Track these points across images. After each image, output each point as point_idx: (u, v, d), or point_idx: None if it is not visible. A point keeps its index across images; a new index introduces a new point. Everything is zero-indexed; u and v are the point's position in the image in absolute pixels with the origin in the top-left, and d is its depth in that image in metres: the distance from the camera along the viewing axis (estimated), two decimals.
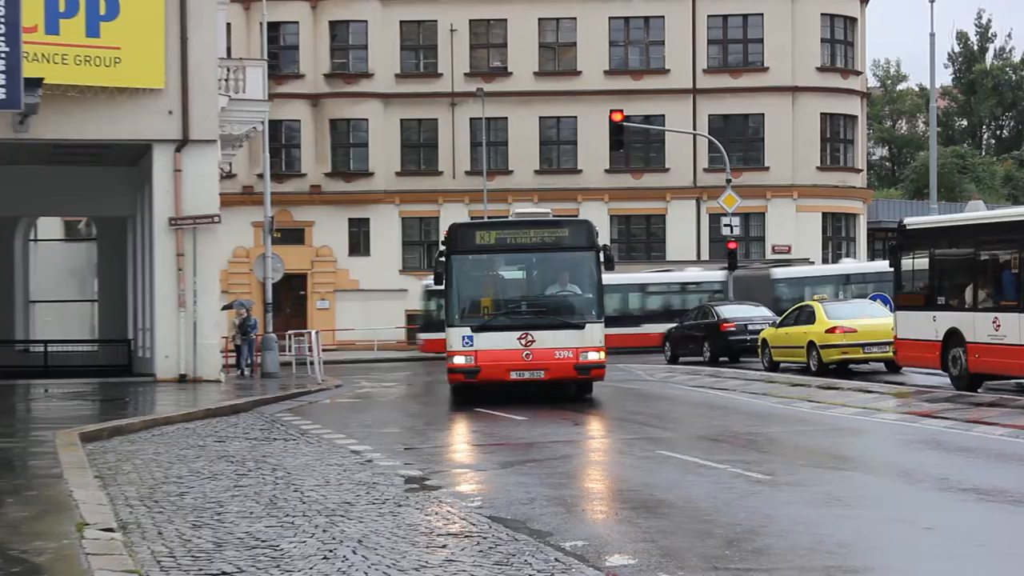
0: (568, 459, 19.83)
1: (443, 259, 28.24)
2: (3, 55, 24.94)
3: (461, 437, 23.19)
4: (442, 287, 28.71)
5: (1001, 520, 14.72)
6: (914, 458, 20.34)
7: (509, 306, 29.31)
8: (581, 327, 27.69)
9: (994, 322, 29.54)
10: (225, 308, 44.87)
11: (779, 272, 56.30)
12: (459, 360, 27.82)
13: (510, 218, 33.48)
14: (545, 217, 31.53)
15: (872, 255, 68.77)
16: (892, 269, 34.64)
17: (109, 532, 12.89)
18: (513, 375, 27.68)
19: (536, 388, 28.96)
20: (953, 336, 30.82)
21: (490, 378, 27.79)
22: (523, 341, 27.42)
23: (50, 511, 14.07)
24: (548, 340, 27.48)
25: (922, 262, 33.28)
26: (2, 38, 24.62)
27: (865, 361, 37.08)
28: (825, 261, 64.74)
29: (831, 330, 37.10)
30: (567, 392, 29.44)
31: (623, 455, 20.87)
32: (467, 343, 27.52)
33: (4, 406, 27.22)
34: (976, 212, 35.65)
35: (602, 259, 28.47)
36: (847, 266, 57.80)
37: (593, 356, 27.72)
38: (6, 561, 11.41)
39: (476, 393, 28.97)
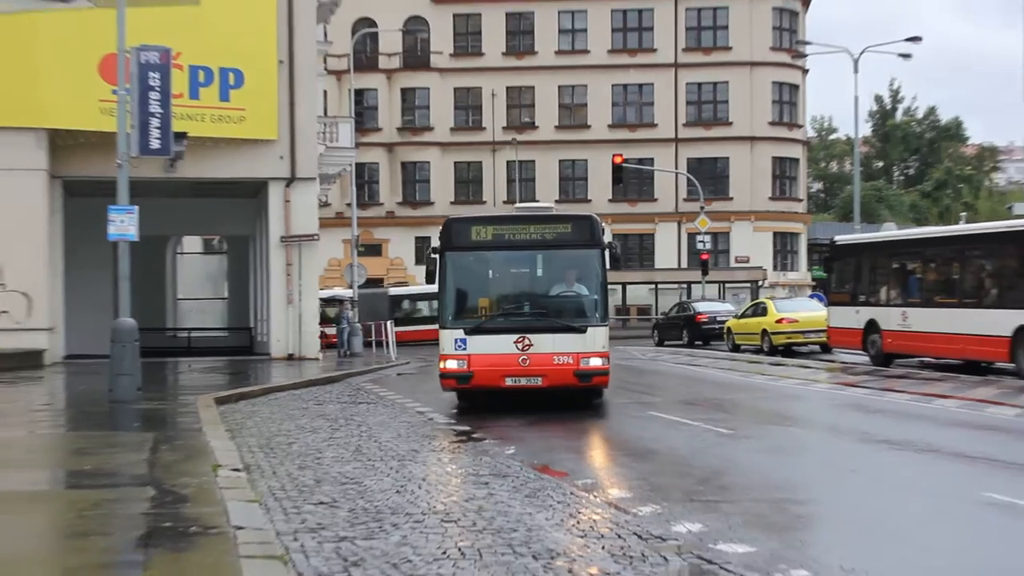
0: (579, 419, 19.78)
1: (435, 255, 20.83)
2: (158, 115, 25.01)
3: (498, 401, 22.86)
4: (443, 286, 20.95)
5: (907, 464, 14.70)
6: (842, 417, 20.29)
7: (505, 307, 21.01)
8: (583, 331, 19.92)
9: (903, 314, 29.66)
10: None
11: (393, 290, 55.33)
12: (451, 364, 20.07)
13: (510, 213, 24.93)
14: (547, 212, 23.05)
15: (809, 265, 68.59)
16: (826, 274, 34.73)
17: (236, 471, 12.96)
18: (508, 381, 19.99)
19: (535, 396, 20.88)
20: (871, 325, 30.91)
21: (484, 384, 20.27)
22: (520, 345, 19.76)
23: (193, 456, 14.16)
24: (547, 344, 19.81)
25: (849, 269, 33.31)
26: (158, 103, 24.69)
27: (805, 344, 37.05)
28: (775, 269, 64.70)
29: (780, 320, 37.20)
30: (573, 400, 21.36)
31: (621, 415, 20.82)
32: (460, 347, 19.95)
33: (158, 378, 27.34)
34: (889, 232, 35.76)
35: (608, 257, 20.66)
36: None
37: (595, 362, 19.99)
38: (161, 492, 11.49)
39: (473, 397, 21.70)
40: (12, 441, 16.29)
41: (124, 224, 21.94)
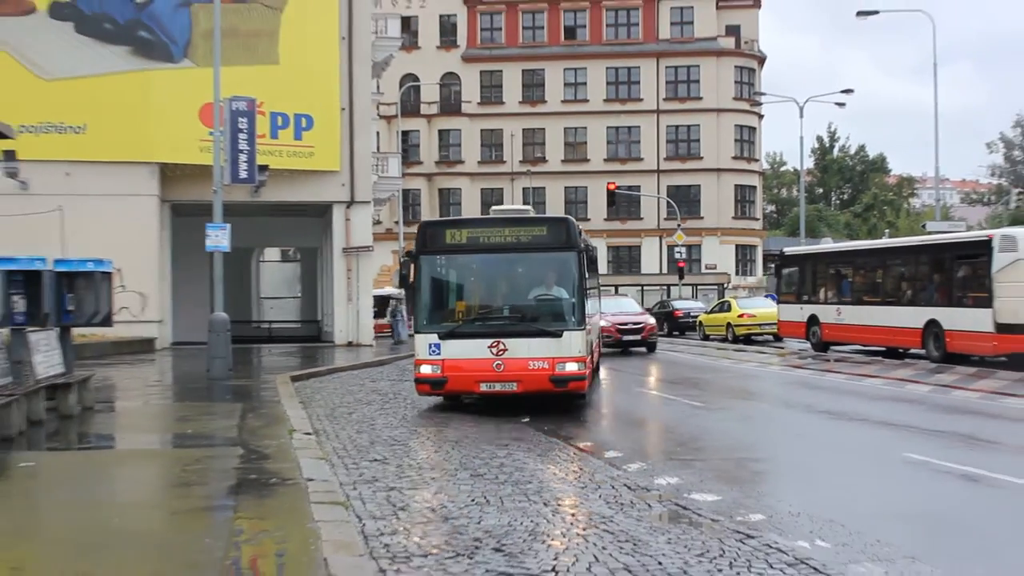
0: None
1: (409, 259, 16.89)
2: (246, 152, 25.16)
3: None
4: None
5: (843, 430, 14.68)
6: (791, 393, 20.24)
7: (480, 311, 16.93)
8: (558, 335, 15.92)
9: (837, 311, 29.68)
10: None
11: None
12: (425, 369, 16.26)
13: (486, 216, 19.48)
14: (524, 214, 18.28)
15: (765, 271, 68.41)
16: (776, 278, 34.78)
17: (308, 435, 13.01)
18: (483, 387, 16.16)
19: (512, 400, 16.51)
20: (813, 319, 30.91)
21: (458, 389, 16.48)
22: (494, 350, 15.94)
23: (272, 422, 14.21)
24: (522, 349, 15.95)
25: (795, 274, 33.26)
26: (245, 141, 24.84)
27: (761, 334, 36.93)
28: (737, 274, 64.58)
29: (741, 315, 37.11)
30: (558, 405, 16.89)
31: (614, 391, 20.82)
32: (434, 351, 16.14)
33: (245, 360, 27.42)
34: (827, 244, 35.77)
35: (585, 260, 16.76)
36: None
37: (571, 367, 15.96)
38: (248, 451, 11.54)
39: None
40: (132, 410, 16.40)
41: (218, 238, 22.04)
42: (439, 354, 16.07)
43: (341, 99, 34.46)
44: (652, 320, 33.28)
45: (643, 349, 32.24)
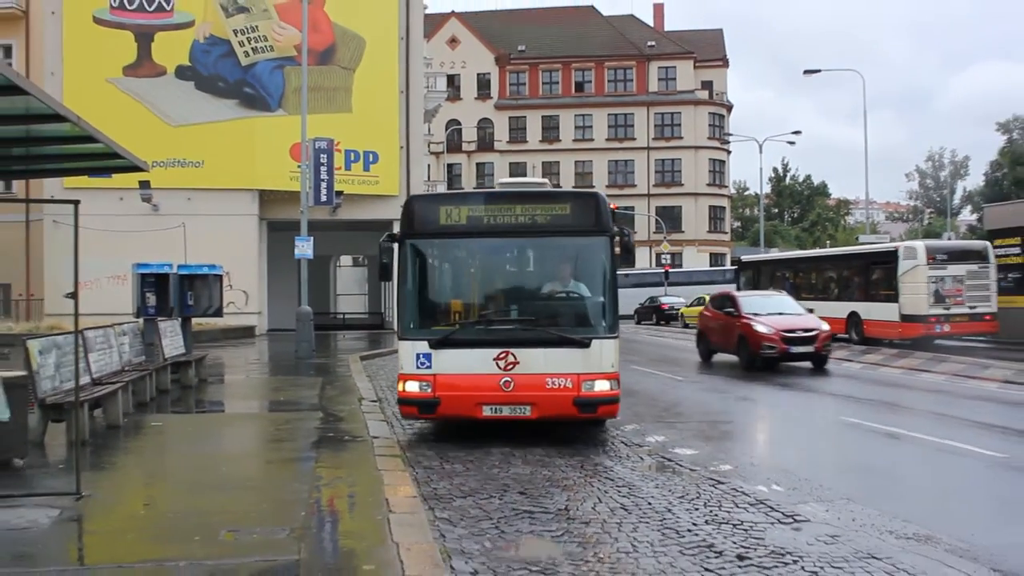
0: None
1: (393, 244, 10.29)
2: (326, 180, 25.32)
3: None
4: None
5: (794, 398, 14.56)
6: (752, 369, 20.09)
7: (483, 313, 9.97)
8: (585, 344, 9.50)
9: None
10: None
11: None
12: (411, 387, 9.61)
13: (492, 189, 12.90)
14: (539, 188, 10.86)
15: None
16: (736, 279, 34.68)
17: (373, 402, 13.05)
18: (487, 411, 9.54)
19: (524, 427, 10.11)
20: None
21: (453, 414, 9.69)
22: (501, 363, 9.41)
23: (345, 392, 14.25)
24: (538, 362, 9.43)
25: (751, 276, 33.11)
26: (326, 172, 24.96)
27: None
28: None
29: None
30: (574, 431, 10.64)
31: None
32: (423, 364, 9.53)
33: (325, 344, 27.50)
34: (773, 254, 35.76)
35: (616, 247, 9.81)
36: None
37: (601, 386, 9.54)
38: (326, 415, 11.58)
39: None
40: (237, 382, 16.50)
41: (304, 248, 22.14)
42: (430, 367, 9.66)
43: (400, 139, 34.50)
44: (827, 326, 19.49)
45: (808, 364, 19.34)
